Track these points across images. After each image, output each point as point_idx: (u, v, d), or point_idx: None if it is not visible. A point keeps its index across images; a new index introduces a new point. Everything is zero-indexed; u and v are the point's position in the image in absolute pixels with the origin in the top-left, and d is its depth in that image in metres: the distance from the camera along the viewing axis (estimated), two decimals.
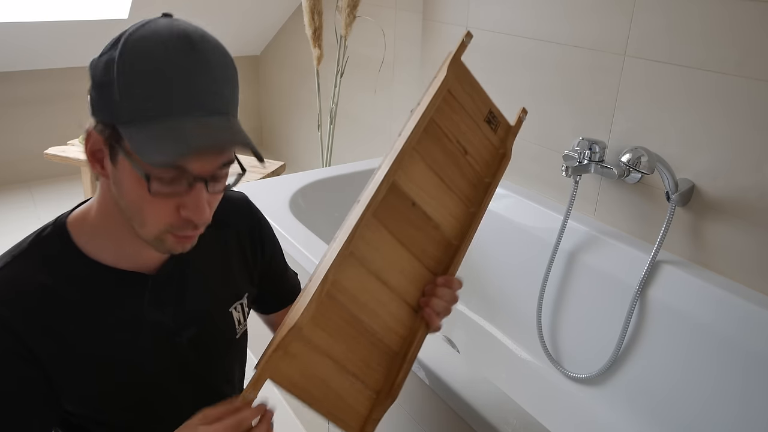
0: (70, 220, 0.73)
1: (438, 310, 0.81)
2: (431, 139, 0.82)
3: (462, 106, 0.86)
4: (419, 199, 0.81)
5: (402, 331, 0.80)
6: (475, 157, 0.88)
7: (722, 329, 1.25)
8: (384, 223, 0.77)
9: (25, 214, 2.89)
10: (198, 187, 0.65)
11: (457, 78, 0.84)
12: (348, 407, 0.74)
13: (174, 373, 0.78)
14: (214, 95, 0.64)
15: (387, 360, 0.78)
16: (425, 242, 0.83)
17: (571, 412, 1.52)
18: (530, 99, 1.69)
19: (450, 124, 0.84)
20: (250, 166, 2.47)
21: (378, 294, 0.77)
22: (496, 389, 0.98)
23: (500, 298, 1.80)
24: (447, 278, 0.83)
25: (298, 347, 0.69)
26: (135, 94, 0.61)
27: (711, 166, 1.30)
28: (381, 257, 0.77)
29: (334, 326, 0.72)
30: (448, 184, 0.85)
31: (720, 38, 1.23)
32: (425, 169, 0.82)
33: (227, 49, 0.68)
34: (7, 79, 2.97)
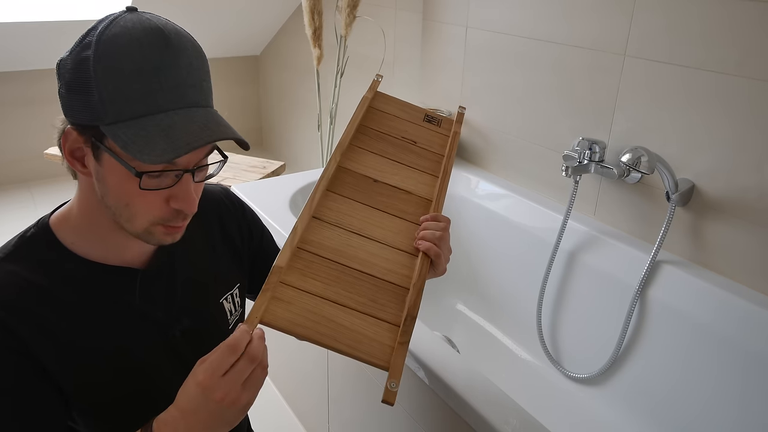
0: (53, 220, 0.73)
1: (430, 238, 0.85)
2: (372, 138, 0.98)
3: (394, 116, 1.05)
4: (380, 177, 0.93)
5: (404, 271, 0.84)
6: (427, 144, 1.03)
7: (722, 329, 1.26)
8: (347, 196, 0.88)
9: (25, 214, 2.89)
10: (185, 178, 0.67)
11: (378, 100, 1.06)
12: (368, 339, 0.74)
13: (169, 367, 0.79)
14: (193, 88, 0.66)
15: (397, 296, 0.80)
16: (402, 205, 0.92)
17: (570, 412, 1.52)
18: (530, 99, 1.69)
19: (387, 128, 1.02)
20: (249, 166, 2.48)
21: (366, 247, 0.83)
22: (496, 389, 0.98)
23: (500, 298, 1.80)
24: (432, 215, 0.90)
25: (288, 293, 0.72)
26: (117, 95, 0.62)
27: (711, 166, 1.30)
28: (357, 220, 0.86)
29: (326, 276, 0.77)
30: (406, 164, 0.98)
31: (720, 38, 1.23)
32: (376, 158, 0.96)
33: (227, 49, 0.69)
34: (7, 79, 2.97)
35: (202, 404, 0.62)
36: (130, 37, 0.62)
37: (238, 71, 3.56)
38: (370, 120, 0.99)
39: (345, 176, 0.89)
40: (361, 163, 0.93)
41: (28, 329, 0.66)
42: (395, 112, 1.04)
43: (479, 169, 1.91)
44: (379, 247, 0.84)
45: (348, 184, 0.89)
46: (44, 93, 3.09)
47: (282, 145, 3.54)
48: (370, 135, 0.97)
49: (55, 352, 0.68)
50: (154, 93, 0.62)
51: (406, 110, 1.06)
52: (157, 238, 0.70)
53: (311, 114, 3.06)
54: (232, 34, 3.22)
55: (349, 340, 0.72)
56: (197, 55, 0.67)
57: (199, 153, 0.67)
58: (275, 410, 1.74)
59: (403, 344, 0.74)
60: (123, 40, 0.62)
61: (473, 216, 1.84)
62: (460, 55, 1.90)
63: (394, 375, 0.71)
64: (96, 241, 0.72)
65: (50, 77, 3.06)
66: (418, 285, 0.81)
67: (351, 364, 1.32)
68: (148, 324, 0.76)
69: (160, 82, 0.63)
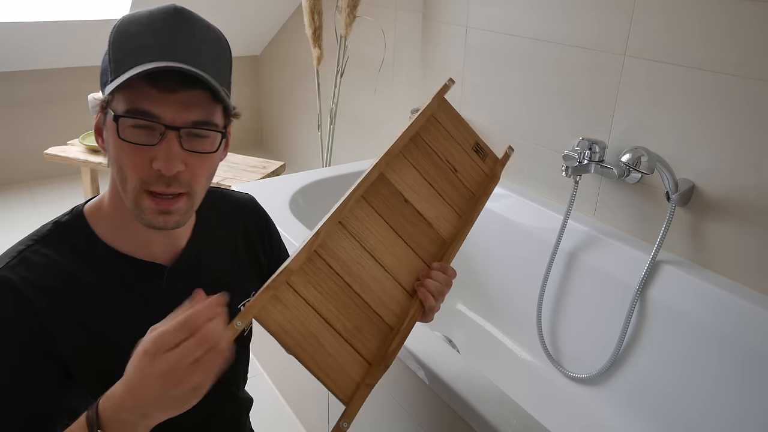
0: (87, 209, 0.76)
1: (431, 289, 0.83)
2: (421, 152, 0.93)
3: (449, 133, 0.99)
4: (411, 197, 0.90)
5: (396, 310, 0.83)
6: (465, 176, 0.99)
7: (722, 329, 1.26)
8: (376, 209, 0.85)
9: (25, 214, 2.89)
10: (169, 137, 0.66)
11: (441, 109, 0.98)
12: (340, 369, 0.75)
13: None
14: (188, 48, 0.67)
15: (381, 333, 0.80)
16: (419, 236, 0.89)
17: (571, 412, 1.52)
18: (530, 99, 1.69)
19: (438, 144, 0.96)
20: (249, 166, 2.47)
21: (372, 270, 0.82)
22: (496, 389, 0.98)
23: (500, 298, 1.80)
24: (442, 265, 0.87)
25: (288, 296, 0.72)
26: (118, 54, 0.66)
27: (711, 166, 1.30)
28: (375, 239, 0.83)
29: (326, 288, 0.76)
30: (440, 192, 0.94)
31: (719, 38, 1.23)
32: (416, 175, 0.92)
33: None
34: (7, 79, 2.97)
35: (146, 376, 0.58)
36: (146, 10, 0.68)
37: (238, 71, 3.55)
38: (425, 131, 0.95)
39: (382, 186, 0.86)
40: (401, 176, 0.90)
41: (50, 309, 0.69)
42: (451, 129, 1.00)
43: None
44: (384, 276, 0.83)
45: (381, 195, 0.86)
46: (44, 93, 3.09)
47: (282, 145, 3.54)
48: (419, 147, 0.93)
49: (72, 333, 0.70)
50: (145, 48, 0.65)
51: (460, 130, 1.01)
52: (147, 216, 0.69)
53: (311, 114, 3.06)
54: (232, 34, 3.21)
55: (323, 364, 0.73)
56: (206, 31, 0.69)
57: (186, 112, 0.66)
58: (275, 410, 1.74)
59: (368, 386, 0.76)
60: (139, 12, 0.68)
61: None
62: (460, 55, 1.90)
63: (349, 415, 0.72)
64: (123, 232, 0.74)
65: (50, 77, 3.06)
66: (404, 333, 0.81)
67: None
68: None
69: (154, 39, 0.65)
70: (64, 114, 3.13)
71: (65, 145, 2.62)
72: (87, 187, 2.65)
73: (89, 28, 2.74)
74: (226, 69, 0.72)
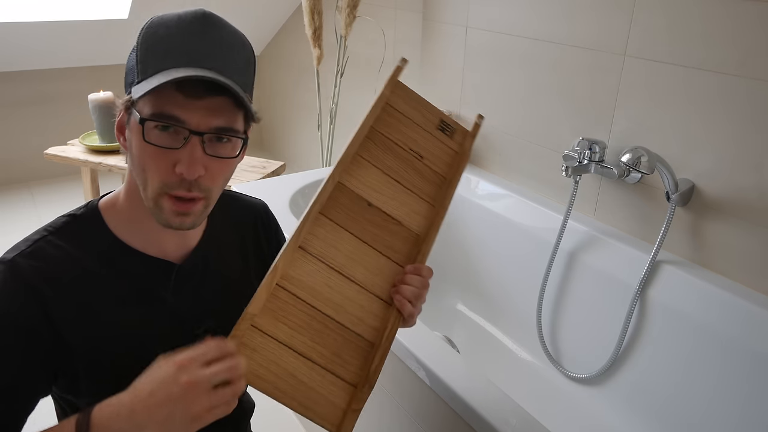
0: (102, 203, 0.77)
1: (407, 296, 0.81)
2: (379, 148, 0.89)
3: (408, 118, 0.94)
4: (375, 200, 0.86)
5: (375, 323, 0.80)
6: (433, 160, 0.94)
7: (722, 329, 1.25)
8: (338, 222, 0.82)
9: (25, 214, 2.89)
10: (192, 142, 0.67)
11: (396, 95, 0.93)
12: (323, 399, 0.73)
13: None
14: (214, 56, 0.68)
15: (362, 353, 0.78)
16: (390, 239, 0.86)
17: (571, 412, 1.52)
18: (530, 99, 1.69)
19: (398, 134, 0.92)
20: (249, 166, 2.47)
21: (343, 289, 0.79)
22: (496, 389, 0.98)
23: (500, 298, 1.80)
24: (416, 266, 0.84)
25: (256, 339, 0.70)
26: (146, 55, 0.67)
27: (711, 166, 1.30)
28: (341, 254, 0.80)
29: (297, 321, 0.74)
30: (406, 186, 0.90)
31: (720, 38, 1.23)
32: (378, 174, 0.88)
33: None
34: (7, 79, 2.97)
35: (165, 383, 0.60)
36: (175, 13, 0.69)
37: None
38: (381, 123, 0.90)
39: (341, 196, 0.83)
40: (361, 179, 0.86)
41: (59, 300, 0.70)
42: (410, 113, 0.94)
43: (479, 169, 1.91)
44: (356, 291, 0.80)
45: (342, 206, 0.83)
46: (44, 93, 3.09)
47: (282, 145, 3.54)
48: (377, 143, 0.89)
49: (78, 323, 0.71)
50: (172, 51, 0.66)
51: (422, 111, 0.96)
52: (165, 216, 0.70)
53: (311, 114, 3.06)
54: None
55: (304, 399, 0.72)
56: (233, 38, 0.70)
57: (210, 118, 0.67)
58: (276, 414, 1.74)
59: (355, 411, 0.74)
60: (168, 15, 0.69)
61: (473, 216, 1.84)
62: (460, 55, 1.90)
63: None
64: (137, 228, 0.76)
65: (50, 77, 3.06)
66: (384, 348, 0.79)
67: None
68: (173, 317, 0.78)
69: (182, 44, 0.67)
70: (64, 114, 3.13)
71: (65, 145, 2.62)
72: (87, 187, 2.65)
73: (89, 28, 2.74)
74: (250, 74, 0.73)
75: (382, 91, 0.91)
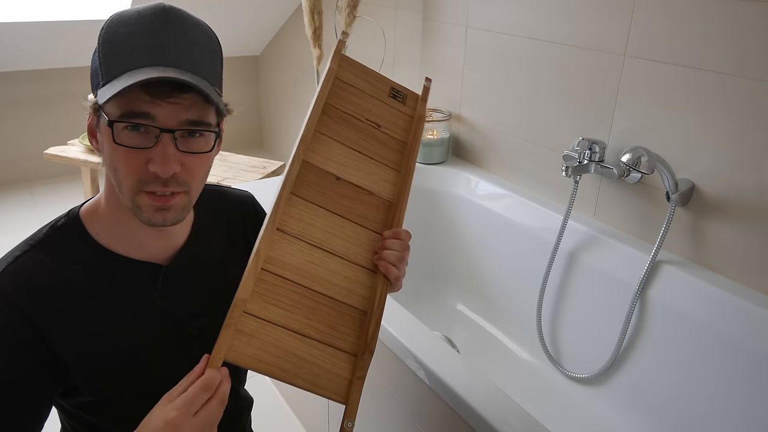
0: (83, 211, 0.76)
1: (391, 260, 0.83)
2: (336, 122, 0.91)
3: (359, 90, 0.96)
4: (342, 173, 0.88)
5: (364, 292, 0.82)
6: (390, 127, 0.96)
7: (722, 329, 1.25)
8: (310, 200, 0.83)
9: (25, 214, 2.89)
10: (164, 139, 0.66)
11: (343, 68, 0.95)
12: (327, 374, 0.74)
13: (184, 365, 0.79)
14: (179, 51, 0.66)
15: (356, 322, 0.80)
16: (364, 209, 0.87)
17: (571, 412, 1.52)
18: (530, 99, 1.69)
19: (352, 106, 0.93)
20: (249, 166, 2.47)
21: (328, 263, 0.80)
22: (496, 389, 0.98)
23: (500, 298, 1.80)
24: (394, 231, 0.86)
25: (251, 324, 0.71)
26: (108, 57, 0.66)
27: (711, 166, 1.30)
28: (319, 231, 0.82)
29: (287, 301, 0.75)
30: (370, 156, 0.92)
31: (720, 38, 1.23)
32: (340, 147, 0.89)
33: (227, 49, 0.70)
34: (7, 79, 2.97)
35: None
36: (134, 9, 0.67)
37: (238, 71, 3.56)
38: (335, 97, 0.92)
39: (308, 174, 0.84)
40: (325, 155, 0.87)
41: (46, 316, 0.68)
42: (360, 85, 0.96)
43: (479, 169, 1.91)
44: (340, 264, 0.81)
45: (311, 184, 0.84)
46: (44, 93, 3.09)
47: (282, 145, 3.54)
48: (333, 117, 0.90)
49: (68, 339, 0.69)
50: (136, 51, 0.65)
51: (371, 81, 0.97)
52: (145, 214, 0.69)
53: None
54: (232, 34, 3.22)
55: (309, 375, 0.73)
56: (197, 30, 0.69)
57: (179, 113, 0.66)
58: (275, 410, 1.74)
59: (360, 378, 0.75)
60: (127, 12, 0.67)
61: (473, 216, 1.84)
62: (460, 55, 1.90)
63: (350, 414, 0.72)
64: (120, 232, 0.74)
65: (50, 77, 3.06)
66: (377, 314, 0.80)
67: None
68: (165, 319, 0.77)
69: (145, 42, 0.65)
70: (64, 114, 3.13)
71: (65, 145, 2.62)
72: (87, 187, 2.65)
73: (89, 28, 2.74)
74: (218, 66, 0.72)
75: (329, 65, 0.93)
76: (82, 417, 0.77)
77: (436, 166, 1.93)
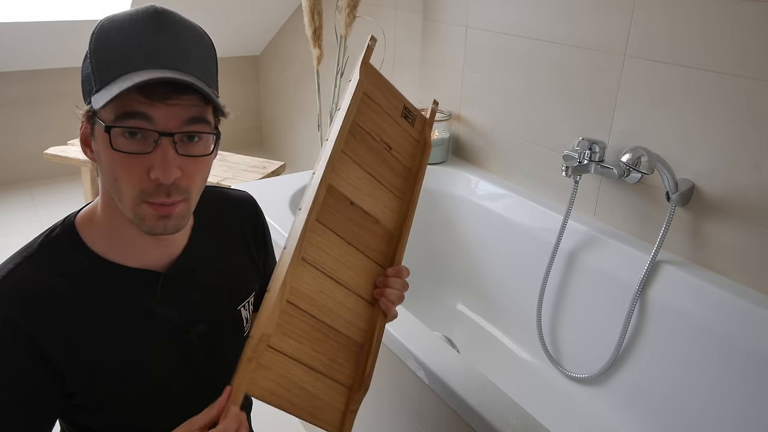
0: (78, 219, 0.74)
1: (392, 299, 0.84)
2: (357, 141, 0.85)
3: (379, 105, 0.90)
4: (356, 197, 0.84)
5: (362, 325, 0.83)
6: (399, 151, 0.93)
7: (722, 329, 1.26)
8: (328, 225, 0.80)
9: (25, 214, 2.89)
10: (163, 144, 0.65)
11: (369, 80, 0.88)
12: (325, 405, 0.76)
13: (184, 372, 0.79)
14: (174, 53, 0.65)
15: (353, 354, 0.81)
16: (368, 238, 0.86)
17: (571, 412, 1.52)
18: (530, 99, 1.69)
19: (371, 124, 0.88)
20: (249, 166, 2.47)
21: (335, 294, 0.80)
22: (496, 389, 0.98)
23: (500, 298, 1.80)
24: (396, 269, 0.87)
25: (269, 358, 0.70)
26: (102, 62, 0.64)
27: (711, 166, 1.30)
28: (331, 258, 0.80)
29: (299, 332, 0.74)
30: (380, 180, 0.89)
31: (719, 38, 1.23)
32: (357, 169, 0.85)
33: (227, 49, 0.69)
34: (7, 79, 2.97)
35: None
36: (125, 13, 0.66)
37: (238, 71, 3.56)
38: (359, 113, 0.86)
39: (329, 198, 0.80)
40: (345, 177, 0.83)
41: (43, 330, 0.67)
42: (380, 101, 0.91)
43: (479, 169, 1.91)
44: (345, 295, 0.81)
45: (329, 207, 0.80)
46: (44, 93, 3.09)
47: (282, 145, 3.54)
48: (355, 135, 0.85)
49: (67, 350, 0.68)
50: (131, 56, 0.64)
51: (389, 97, 0.93)
52: (148, 224, 0.68)
53: (311, 114, 3.06)
54: (232, 34, 3.22)
55: (311, 408, 0.74)
56: (190, 32, 0.67)
57: (177, 114, 0.64)
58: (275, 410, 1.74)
59: (353, 412, 0.78)
60: (119, 17, 0.66)
61: (473, 216, 1.84)
62: (460, 55, 1.90)
63: None
64: (117, 241, 0.73)
65: (50, 77, 3.06)
66: (374, 352, 0.81)
67: None
68: (165, 327, 0.76)
69: (140, 46, 0.64)
70: (64, 114, 3.13)
71: (65, 145, 2.62)
72: (87, 187, 2.65)
73: (88, 28, 2.73)
74: (212, 68, 0.70)
75: (359, 77, 0.86)
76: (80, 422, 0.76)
77: (436, 166, 1.93)
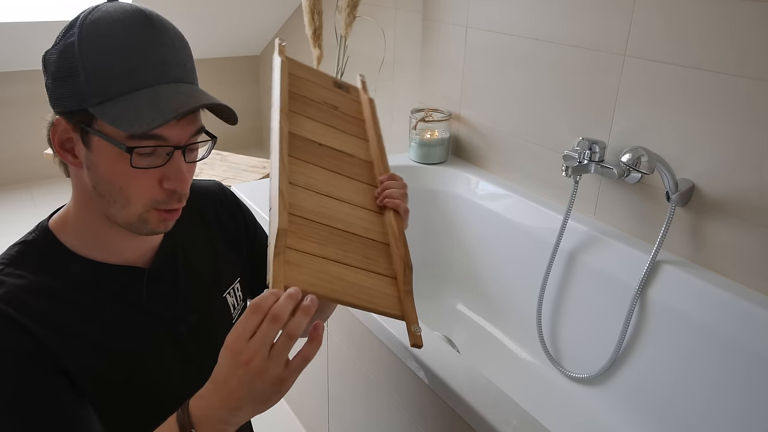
0: (52, 223, 0.74)
1: (396, 196, 0.88)
2: (301, 104, 0.96)
3: (310, 80, 1.04)
4: (322, 141, 0.93)
5: (380, 229, 0.86)
6: (346, 110, 1.04)
7: (722, 329, 1.26)
8: (306, 160, 0.87)
9: (25, 214, 2.89)
10: (176, 156, 0.67)
11: (293, 65, 1.04)
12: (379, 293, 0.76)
13: (174, 364, 0.79)
14: (177, 65, 0.67)
15: (383, 251, 0.83)
16: (351, 167, 0.93)
17: (571, 412, 1.52)
18: (530, 99, 1.69)
19: (310, 92, 1.01)
20: (249, 166, 2.47)
21: (339, 208, 0.84)
22: (496, 389, 0.98)
23: (500, 298, 1.80)
24: (387, 175, 0.93)
25: (294, 256, 0.72)
26: (102, 73, 0.63)
27: (711, 166, 1.30)
28: (322, 183, 0.86)
29: (319, 237, 0.77)
30: (338, 128, 0.99)
31: (719, 38, 1.23)
32: (312, 122, 0.95)
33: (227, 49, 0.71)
34: (7, 79, 2.97)
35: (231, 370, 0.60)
36: (112, 18, 0.64)
37: (238, 71, 3.56)
38: (292, 85, 0.97)
39: (294, 140, 0.88)
40: (302, 127, 0.91)
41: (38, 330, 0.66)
42: (310, 78, 1.03)
43: (479, 169, 1.91)
44: (350, 208, 0.85)
45: (300, 148, 0.87)
46: (44, 93, 3.09)
47: None
48: (297, 100, 0.95)
49: (65, 349, 0.68)
50: (138, 69, 0.64)
51: (318, 76, 1.05)
52: (151, 226, 0.69)
53: None
54: (232, 34, 3.22)
55: (363, 295, 0.74)
56: (179, 37, 0.69)
57: (189, 129, 0.67)
58: (275, 410, 1.74)
59: (408, 293, 0.78)
60: (105, 22, 0.64)
61: (473, 216, 1.84)
62: (460, 55, 1.90)
63: (413, 320, 0.75)
64: (93, 241, 0.73)
65: None
66: (402, 239, 0.84)
67: (350, 364, 1.32)
68: (154, 322, 0.76)
69: (144, 59, 0.64)
70: None
71: None
72: None
73: None
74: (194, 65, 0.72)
75: (280, 59, 1.01)
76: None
77: (436, 166, 1.93)
